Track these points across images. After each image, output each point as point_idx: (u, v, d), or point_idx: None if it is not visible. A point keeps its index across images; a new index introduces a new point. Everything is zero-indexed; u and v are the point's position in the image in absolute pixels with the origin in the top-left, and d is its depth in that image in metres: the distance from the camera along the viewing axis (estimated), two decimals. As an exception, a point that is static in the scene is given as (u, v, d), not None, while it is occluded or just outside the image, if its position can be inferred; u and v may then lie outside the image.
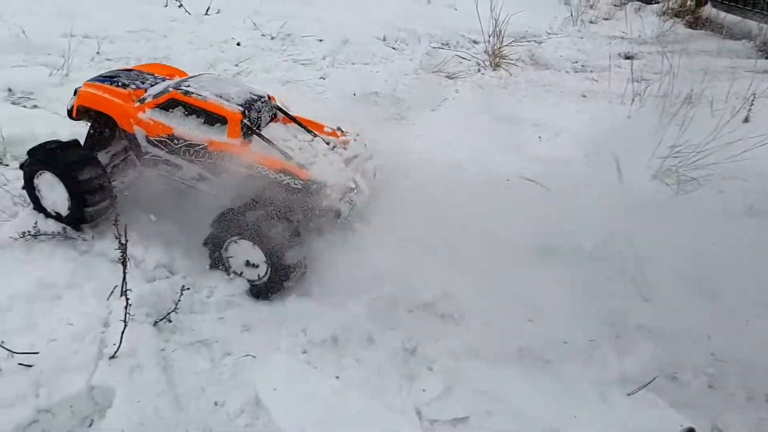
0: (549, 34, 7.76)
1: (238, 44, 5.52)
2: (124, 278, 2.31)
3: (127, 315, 2.30)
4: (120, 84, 3.16)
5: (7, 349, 2.25)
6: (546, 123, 4.88)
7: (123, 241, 2.17)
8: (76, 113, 3.18)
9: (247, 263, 2.81)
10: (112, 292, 2.63)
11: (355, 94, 4.89)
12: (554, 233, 3.14)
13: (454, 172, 3.86)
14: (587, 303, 2.82)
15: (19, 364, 2.22)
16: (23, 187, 3.09)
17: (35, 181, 3.02)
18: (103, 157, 3.18)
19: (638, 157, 3.94)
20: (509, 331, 2.70)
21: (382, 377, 2.45)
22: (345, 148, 3.12)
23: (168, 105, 2.97)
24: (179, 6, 6.34)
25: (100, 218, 3.05)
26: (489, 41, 6.19)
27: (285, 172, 2.84)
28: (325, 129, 3.26)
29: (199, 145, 2.92)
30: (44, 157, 2.96)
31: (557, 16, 8.37)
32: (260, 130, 2.97)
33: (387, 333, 2.66)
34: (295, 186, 2.81)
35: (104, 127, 3.22)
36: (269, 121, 3.15)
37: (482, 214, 3.07)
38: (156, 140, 3.01)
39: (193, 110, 2.94)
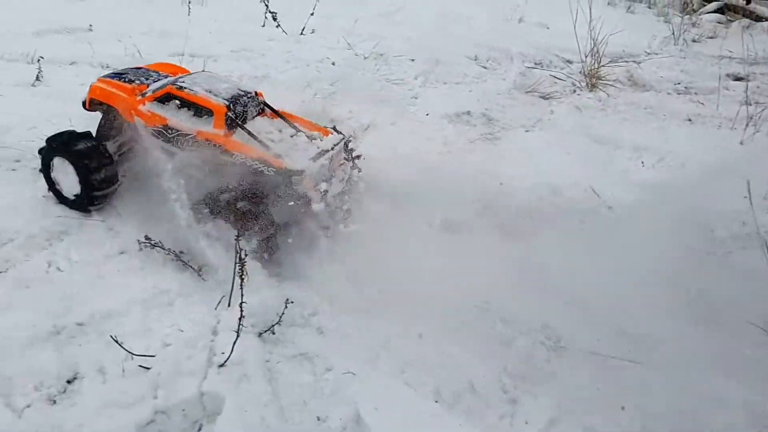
0: (648, 54, 7.46)
1: (333, 64, 5.70)
2: (241, 290, 2.41)
3: (241, 327, 2.40)
4: (126, 80, 3.51)
5: (127, 351, 2.40)
6: (649, 147, 4.68)
7: (242, 256, 2.27)
8: (89, 105, 3.54)
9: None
10: (220, 302, 2.76)
11: (447, 114, 4.91)
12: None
13: (554, 194, 3.78)
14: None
15: (139, 366, 2.37)
16: (40, 170, 3.42)
17: (52, 167, 3.36)
18: (111, 146, 3.49)
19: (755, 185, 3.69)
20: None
21: (484, 403, 2.41)
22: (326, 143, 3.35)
23: (164, 98, 3.28)
24: (277, 26, 6.64)
25: (104, 202, 3.40)
26: (585, 61, 6.04)
27: (261, 160, 3.09)
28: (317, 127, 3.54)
29: (189, 134, 3.21)
30: (58, 145, 3.31)
31: (656, 35, 8.04)
32: (246, 123, 3.25)
33: (490, 359, 2.61)
34: (269, 173, 3.07)
35: (114, 119, 3.53)
36: (256, 115, 3.42)
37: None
38: (155, 131, 3.32)
39: (185, 103, 3.24)
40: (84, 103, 3.56)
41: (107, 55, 5.91)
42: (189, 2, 8.06)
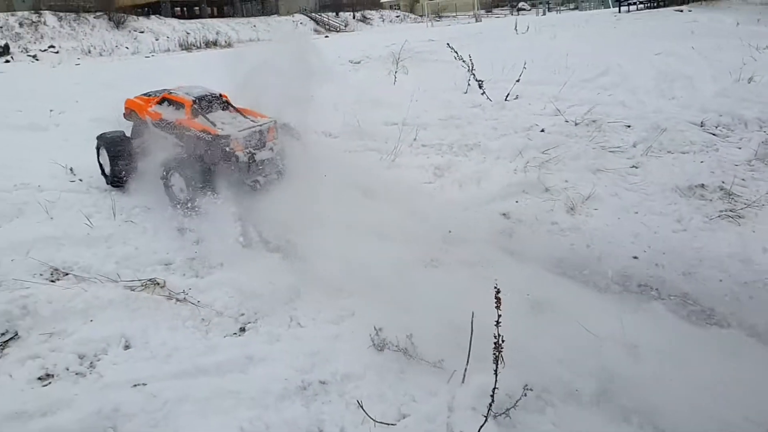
0: None
1: (543, 131, 5.69)
2: (495, 375, 2.41)
3: (490, 412, 2.39)
4: (146, 95, 5.41)
5: (371, 417, 2.53)
6: None
7: (500, 341, 2.29)
8: (126, 116, 5.34)
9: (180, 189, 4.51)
10: (452, 375, 2.80)
11: (676, 186, 4.56)
12: None
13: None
14: None
15: (383, 434, 2.48)
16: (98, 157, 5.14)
17: (99, 154, 5.09)
18: (136, 143, 5.06)
19: None
20: None
21: None
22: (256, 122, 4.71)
23: (161, 101, 4.98)
24: (482, 93, 6.89)
25: (126, 179, 4.90)
26: None
27: (205, 131, 4.51)
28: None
29: (172, 122, 4.72)
30: (101, 140, 5.01)
31: None
32: (209, 113, 4.72)
33: None
34: (207, 138, 4.47)
35: (140, 125, 5.16)
36: (219, 109, 4.85)
37: None
38: (155, 123, 4.89)
39: (171, 102, 4.89)
40: (124, 115, 5.38)
41: (328, 123, 6.59)
42: (395, 72, 8.77)
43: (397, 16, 55.48)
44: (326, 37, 40.31)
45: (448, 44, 7.34)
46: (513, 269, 3.72)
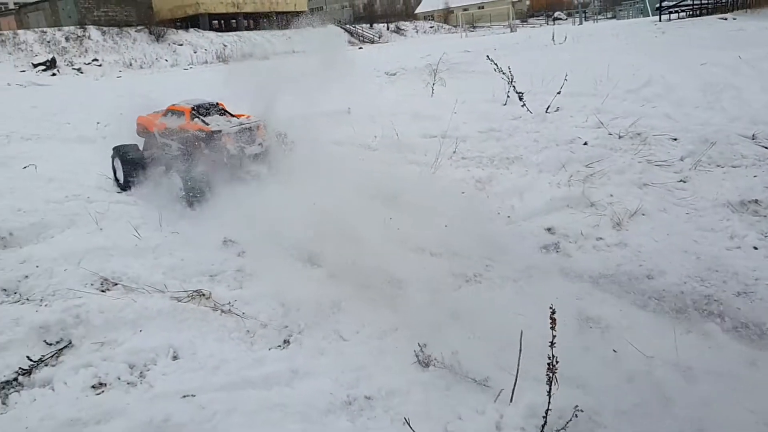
0: None
1: (585, 144, 5.61)
2: (548, 396, 2.38)
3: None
4: (155, 111, 6.16)
5: (417, 434, 2.52)
6: None
7: (554, 362, 2.26)
8: (139, 132, 6.17)
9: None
10: (499, 394, 2.77)
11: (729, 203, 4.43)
12: None
13: None
14: None
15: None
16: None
17: (113, 162, 5.94)
18: (146, 154, 5.89)
19: None
20: None
21: None
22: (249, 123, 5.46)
23: (166, 113, 5.80)
24: (522, 105, 6.84)
25: (135, 184, 5.69)
26: None
27: (200, 129, 5.26)
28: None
29: (174, 128, 5.46)
30: (115, 151, 5.86)
31: None
32: (204, 117, 5.46)
33: None
34: (202, 135, 5.21)
35: (151, 139, 5.95)
36: (216, 114, 5.58)
37: None
38: (160, 133, 5.69)
39: (174, 112, 5.66)
40: (137, 131, 6.20)
41: (367, 136, 6.65)
42: (433, 84, 8.80)
43: (431, 27, 55.67)
44: (360, 48, 40.77)
45: (487, 56, 7.32)
46: (559, 285, 3.67)
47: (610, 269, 3.77)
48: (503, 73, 6.98)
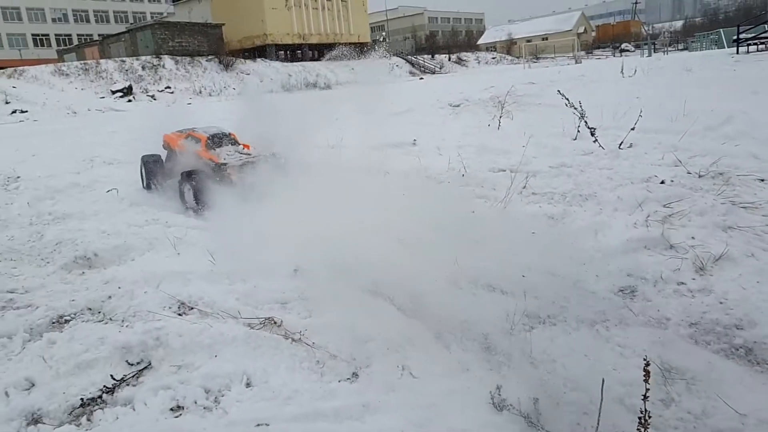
0: None
1: (662, 182, 5.44)
2: None
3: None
4: (178, 132, 7.33)
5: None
6: None
7: (647, 417, 2.17)
8: (164, 146, 7.40)
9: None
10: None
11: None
12: None
13: None
14: None
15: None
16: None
17: (142, 168, 7.38)
18: (167, 164, 7.22)
19: None
20: None
21: None
22: (250, 155, 6.60)
23: (187, 135, 7.01)
24: (594, 141, 6.72)
25: (157, 186, 7.17)
26: None
27: (210, 159, 6.39)
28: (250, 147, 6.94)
29: (192, 152, 6.67)
30: (142, 159, 7.29)
31: None
32: (217, 147, 6.70)
33: None
34: (212, 164, 6.31)
35: (172, 152, 7.17)
36: (228, 144, 6.82)
37: None
38: (180, 152, 6.90)
39: (193, 138, 6.91)
40: (162, 145, 7.40)
41: (433, 168, 6.69)
42: (500, 117, 8.79)
43: (493, 58, 55.90)
44: (421, 78, 41.39)
45: (558, 91, 7.27)
46: (638, 332, 3.54)
47: (694, 317, 3.61)
48: (574, 108, 6.89)
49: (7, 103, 34.19)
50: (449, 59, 53.70)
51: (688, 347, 3.37)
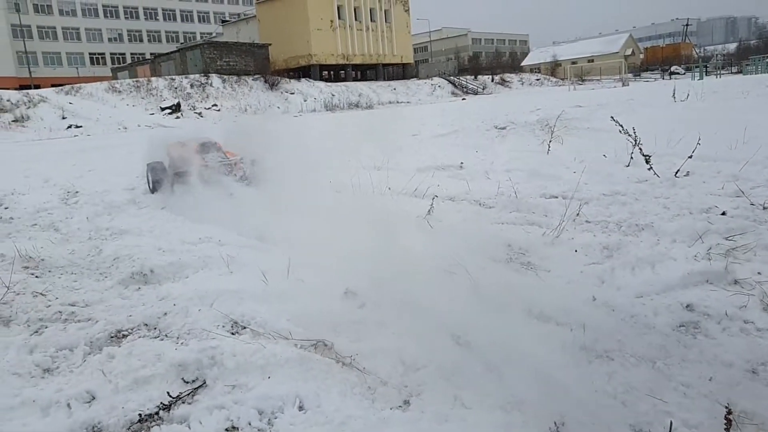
0: None
1: (723, 214, 5.27)
2: None
3: None
4: (178, 142, 8.66)
5: None
6: None
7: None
8: (168, 154, 8.36)
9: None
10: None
11: None
12: None
13: None
14: None
15: None
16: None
17: (148, 173, 8.47)
18: (168, 169, 8.18)
19: None
20: None
21: None
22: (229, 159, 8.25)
23: (184, 144, 8.34)
24: (648, 168, 6.58)
25: (160, 188, 8.19)
26: None
27: (198, 162, 7.83)
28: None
29: (185, 156, 7.97)
30: (148, 166, 8.39)
31: None
32: (205, 153, 8.24)
33: None
34: (198, 166, 7.76)
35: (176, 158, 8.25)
36: (213, 151, 8.33)
37: None
38: (177, 157, 7.97)
39: (187, 145, 8.27)
40: (167, 153, 8.38)
41: (481, 192, 6.66)
42: (549, 142, 8.71)
43: (537, 80, 55.57)
44: (463, 99, 41.48)
45: (611, 117, 7.16)
46: (702, 370, 3.41)
47: (763, 358, 3.45)
48: (628, 134, 6.77)
49: (63, 118, 35.89)
50: (492, 80, 53.64)
51: (759, 390, 3.22)
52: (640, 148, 6.72)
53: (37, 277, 4.82)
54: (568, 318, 4.02)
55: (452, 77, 52.70)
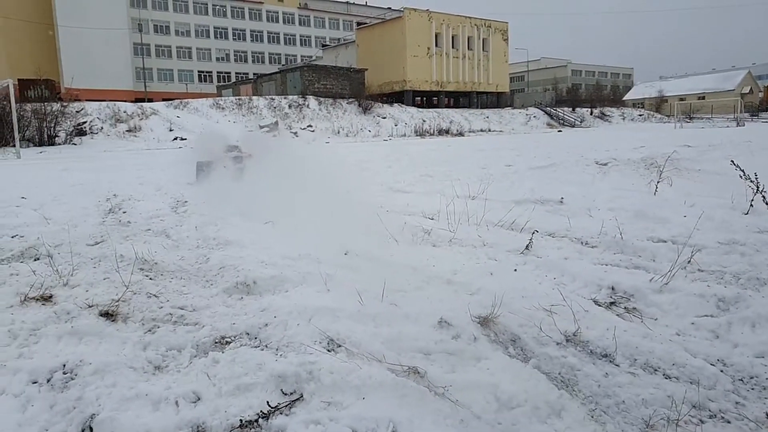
0: None
1: None
2: None
3: None
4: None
5: None
6: None
7: None
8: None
9: None
10: None
11: None
12: None
13: None
14: None
15: None
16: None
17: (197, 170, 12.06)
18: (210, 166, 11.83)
19: None
20: None
21: None
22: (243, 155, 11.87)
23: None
24: (771, 218, 6.15)
25: (203, 180, 11.46)
26: None
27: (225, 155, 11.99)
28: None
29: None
30: (198, 164, 11.75)
31: None
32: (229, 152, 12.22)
33: None
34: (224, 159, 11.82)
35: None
36: (236, 150, 11.95)
37: None
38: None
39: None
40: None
41: (583, 230, 6.48)
42: (657, 182, 8.36)
43: (640, 115, 53.36)
44: (559, 131, 40.62)
45: (732, 162, 6.78)
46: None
47: None
48: (750, 179, 6.37)
49: (170, 130, 38.76)
50: (591, 113, 52.12)
51: None
52: (763, 196, 6.30)
53: (151, 279, 5.21)
54: (678, 372, 3.82)
55: (548, 108, 51.76)
